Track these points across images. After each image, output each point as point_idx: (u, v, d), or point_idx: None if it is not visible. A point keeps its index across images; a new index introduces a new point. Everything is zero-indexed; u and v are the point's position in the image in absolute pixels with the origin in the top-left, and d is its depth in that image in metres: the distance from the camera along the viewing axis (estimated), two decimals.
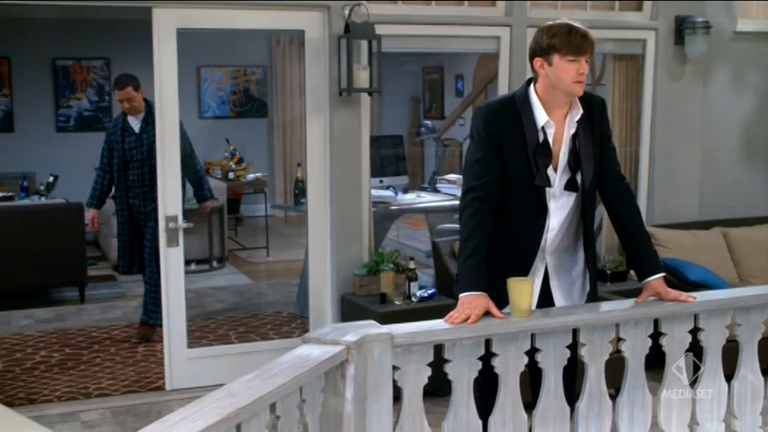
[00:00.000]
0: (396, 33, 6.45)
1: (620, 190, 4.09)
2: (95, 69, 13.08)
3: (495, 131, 3.88)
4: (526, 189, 3.89)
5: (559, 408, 3.88)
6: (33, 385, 6.50)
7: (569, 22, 3.83)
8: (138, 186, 7.46)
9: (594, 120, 3.98)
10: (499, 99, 4.23)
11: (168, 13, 6.04)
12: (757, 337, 4.32)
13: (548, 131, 3.88)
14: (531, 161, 3.85)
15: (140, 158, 7.41)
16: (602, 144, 4.01)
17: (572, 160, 3.92)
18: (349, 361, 3.38)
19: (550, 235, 3.97)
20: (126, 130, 7.46)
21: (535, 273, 4.00)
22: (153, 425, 2.72)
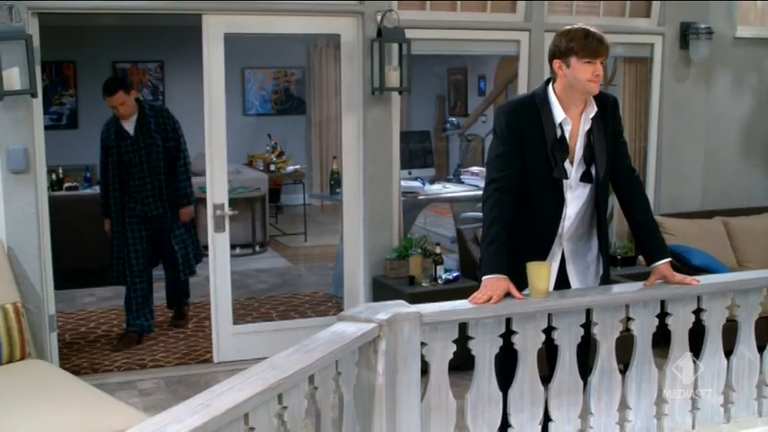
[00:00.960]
0: (424, 37, 6.42)
1: (630, 181, 4.07)
2: (150, 71, 13.11)
3: (516, 128, 3.86)
4: (545, 181, 3.87)
5: (573, 381, 3.87)
6: (96, 356, 6.54)
7: (586, 28, 3.80)
8: (141, 191, 6.68)
9: (608, 117, 3.95)
10: (520, 98, 4.20)
11: (217, 19, 6.05)
12: (754, 317, 4.32)
13: (565, 128, 3.86)
14: (550, 155, 3.83)
15: (139, 162, 6.64)
16: (614, 139, 3.98)
17: (587, 154, 3.89)
18: (381, 337, 3.38)
19: (567, 223, 3.94)
20: (120, 135, 6.64)
21: (553, 257, 3.98)
22: (202, 393, 2.73)
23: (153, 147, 6.60)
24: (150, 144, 6.56)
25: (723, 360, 4.24)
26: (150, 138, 6.57)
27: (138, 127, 6.62)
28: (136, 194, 6.70)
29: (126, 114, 6.59)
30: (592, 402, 3.94)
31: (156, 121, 6.70)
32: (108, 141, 6.68)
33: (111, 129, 6.68)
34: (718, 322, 4.19)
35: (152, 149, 6.60)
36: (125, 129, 6.63)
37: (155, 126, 6.67)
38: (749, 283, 4.32)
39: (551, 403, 3.85)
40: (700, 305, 4.12)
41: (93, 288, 8.64)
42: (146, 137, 6.61)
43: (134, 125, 6.62)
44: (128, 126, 6.63)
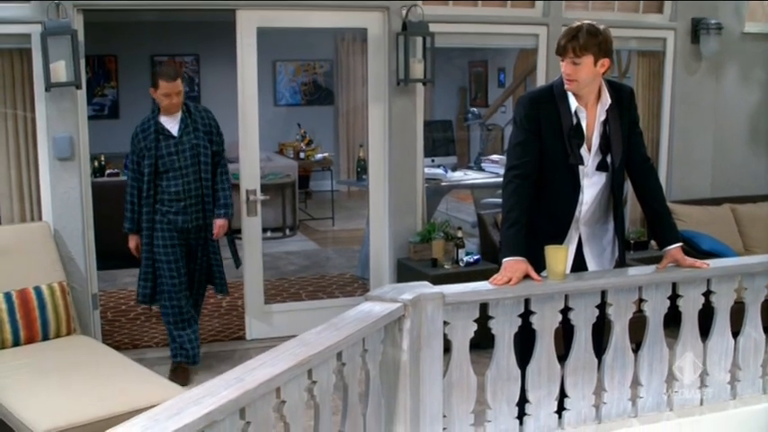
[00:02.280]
0: (447, 31, 6.39)
1: (645, 170, 4.04)
2: (187, 64, 13.13)
3: (534, 117, 3.84)
4: (562, 168, 3.85)
5: (588, 360, 3.86)
6: (136, 333, 6.58)
7: (575, 25, 3.77)
8: (183, 199, 5.50)
9: (624, 108, 3.92)
10: (539, 89, 4.18)
11: (250, 14, 6.04)
12: (761, 299, 4.31)
13: (580, 116, 3.84)
14: (566, 142, 3.80)
15: (181, 166, 5.48)
16: (630, 129, 3.94)
17: (603, 144, 3.87)
18: (406, 316, 3.38)
19: (584, 208, 3.92)
20: (161, 134, 5.49)
21: (570, 241, 3.96)
22: (236, 368, 2.74)
23: (200, 149, 5.52)
24: (197, 146, 5.51)
25: (730, 340, 4.23)
26: (197, 138, 5.52)
27: (182, 126, 5.51)
28: (175, 203, 5.49)
29: (175, 108, 5.47)
30: (605, 379, 3.93)
31: (203, 121, 5.60)
32: (146, 142, 5.48)
33: (151, 128, 5.50)
34: (726, 304, 4.17)
35: (199, 152, 5.51)
36: (167, 128, 5.50)
37: (202, 126, 5.58)
38: (756, 267, 4.30)
39: (567, 380, 3.84)
40: (709, 288, 4.11)
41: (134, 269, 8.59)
42: (192, 137, 5.52)
43: (178, 124, 5.51)
44: (170, 125, 5.50)
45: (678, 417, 4.10)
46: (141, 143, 5.50)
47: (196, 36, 12.29)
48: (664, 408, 4.10)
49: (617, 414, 3.99)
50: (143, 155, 5.49)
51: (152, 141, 5.47)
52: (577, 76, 3.74)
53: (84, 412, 3.98)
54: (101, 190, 7.33)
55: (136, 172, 5.53)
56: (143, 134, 5.52)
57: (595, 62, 3.73)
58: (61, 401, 4.10)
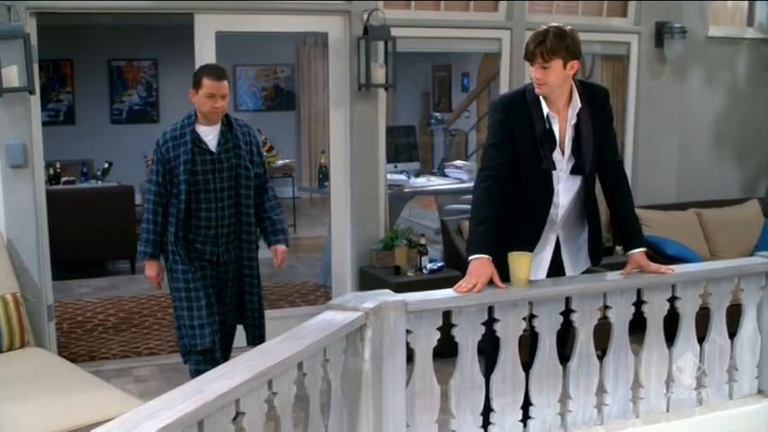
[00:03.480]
0: (409, 35, 6.41)
1: (616, 174, 4.08)
2: (144, 69, 13.05)
3: (507, 121, 3.88)
4: (536, 172, 3.88)
5: (553, 367, 3.88)
6: (93, 344, 6.51)
7: (542, 29, 3.78)
8: (214, 227, 4.70)
9: (597, 109, 3.95)
10: (512, 93, 4.19)
11: (208, 18, 6.01)
12: (726, 304, 4.35)
13: (552, 121, 3.86)
14: (539, 147, 3.83)
15: (216, 188, 4.67)
16: (602, 131, 3.98)
17: (575, 147, 3.89)
18: (367, 325, 3.37)
19: (560, 212, 3.96)
20: (197, 146, 4.64)
21: (547, 243, 4.01)
22: (194, 380, 2.72)
23: (241, 170, 4.72)
24: (237, 166, 4.71)
25: (696, 346, 4.26)
26: (238, 158, 4.71)
27: (222, 141, 4.69)
28: (204, 230, 4.71)
29: (217, 115, 4.66)
30: (571, 387, 3.95)
31: (245, 138, 4.80)
32: (179, 152, 4.63)
33: (186, 135, 4.64)
34: (691, 310, 4.21)
35: (239, 174, 4.72)
36: (204, 139, 4.67)
37: (244, 144, 4.77)
38: (721, 272, 4.34)
39: (532, 388, 3.85)
40: (674, 293, 4.14)
41: (90, 279, 8.60)
42: (232, 155, 4.70)
43: (217, 137, 4.68)
44: (208, 137, 4.68)
45: (644, 424, 4.13)
46: (171, 153, 4.64)
47: (154, 40, 12.22)
48: (630, 415, 4.12)
49: (582, 422, 4.00)
50: (173, 167, 4.64)
51: (188, 153, 4.61)
52: (547, 80, 3.76)
53: (37, 427, 3.93)
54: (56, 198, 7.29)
55: (161, 186, 4.67)
56: (174, 142, 4.65)
57: (564, 65, 3.75)
58: (14, 416, 4.04)
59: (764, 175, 8.11)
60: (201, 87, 4.60)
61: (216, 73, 4.65)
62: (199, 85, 4.62)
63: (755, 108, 7.90)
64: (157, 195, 4.70)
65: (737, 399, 4.44)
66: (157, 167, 4.70)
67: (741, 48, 7.83)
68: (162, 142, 4.71)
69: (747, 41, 7.86)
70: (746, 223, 7.35)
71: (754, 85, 7.88)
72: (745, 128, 7.90)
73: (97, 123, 12.74)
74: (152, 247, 4.75)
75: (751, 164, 8.01)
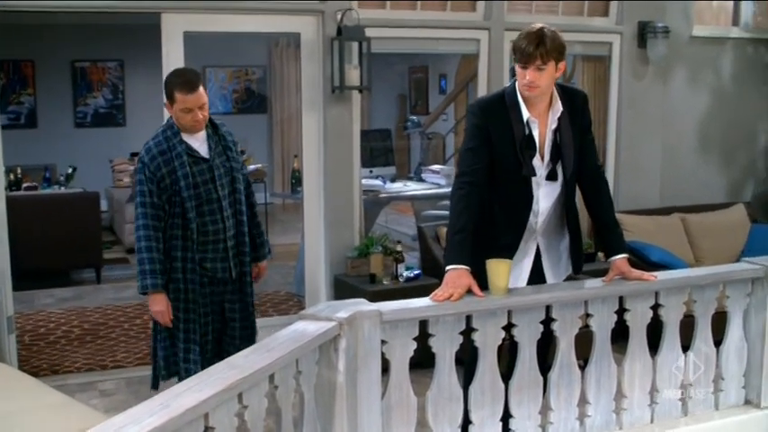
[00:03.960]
0: (384, 36, 6.42)
1: (596, 179, 4.11)
2: (110, 70, 13.02)
3: (484, 125, 3.88)
4: (515, 178, 3.89)
5: (533, 377, 3.89)
6: (56, 357, 6.47)
7: (533, 29, 3.77)
8: (222, 240, 4.41)
9: (576, 114, 3.97)
10: (490, 96, 4.19)
11: (176, 18, 6.00)
12: (711, 312, 4.37)
13: (532, 126, 3.87)
14: (518, 152, 3.84)
15: (219, 197, 4.38)
16: (582, 136, 4.00)
17: (554, 153, 3.91)
18: (341, 336, 3.37)
19: (540, 219, 3.97)
20: (191, 156, 4.35)
21: (527, 252, 4.02)
22: (162, 394, 2.71)
23: (237, 174, 4.49)
24: (234, 170, 4.48)
25: (681, 355, 4.29)
26: (232, 161, 4.48)
27: (212, 145, 4.42)
28: (212, 245, 4.40)
29: (200, 126, 4.36)
30: (552, 398, 3.96)
31: (231, 139, 4.57)
32: (173, 166, 4.29)
33: (176, 147, 4.31)
34: (675, 318, 4.24)
35: (236, 177, 4.48)
36: (195, 149, 4.38)
37: (233, 146, 4.55)
38: (706, 279, 4.37)
39: (512, 399, 3.86)
40: (657, 301, 4.17)
41: (53, 289, 8.55)
42: (224, 159, 4.46)
43: (206, 143, 4.41)
44: (197, 144, 4.39)
45: None
46: (163, 169, 4.28)
47: (120, 40, 12.19)
48: (613, 426, 4.14)
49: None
50: (167, 185, 4.29)
51: (185, 166, 4.29)
52: (541, 83, 3.77)
53: None
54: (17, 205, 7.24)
55: (157, 208, 4.30)
56: (163, 157, 4.29)
57: (556, 67, 3.78)
58: None
59: (750, 178, 8.17)
60: (175, 102, 4.27)
61: (187, 84, 4.27)
62: (172, 98, 4.29)
63: (741, 109, 7.96)
64: (154, 219, 4.30)
65: (724, 409, 4.47)
66: (149, 188, 4.29)
67: (726, 48, 7.90)
68: (149, 159, 4.30)
69: (732, 41, 7.93)
70: (732, 228, 7.40)
71: (739, 86, 7.94)
72: (731, 130, 7.96)
73: (60, 127, 12.69)
74: (159, 277, 4.29)
75: (736, 167, 8.07)
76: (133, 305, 7.92)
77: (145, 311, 7.58)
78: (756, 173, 8.18)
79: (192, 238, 4.33)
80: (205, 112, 4.32)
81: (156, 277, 4.28)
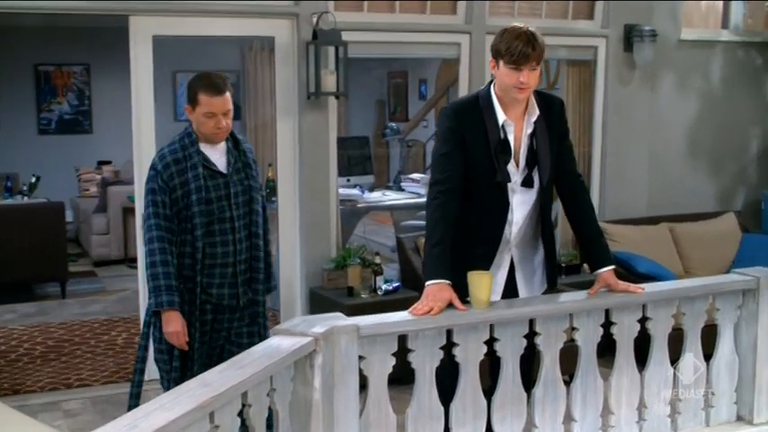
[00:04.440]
0: (361, 40, 6.44)
1: (575, 186, 4.11)
2: (76, 75, 12.98)
3: (458, 129, 3.88)
4: (489, 185, 3.89)
5: (517, 394, 3.90)
6: (17, 376, 6.43)
7: (520, 28, 3.79)
8: (232, 264, 4.23)
9: (553, 120, 3.98)
10: (464, 99, 4.22)
11: (144, 21, 5.99)
12: (700, 325, 4.38)
13: (507, 129, 3.89)
14: (493, 158, 3.86)
15: (233, 216, 4.21)
16: (559, 142, 4.01)
17: (530, 158, 3.93)
18: (317, 351, 3.37)
19: (514, 228, 3.98)
20: (207, 168, 4.19)
21: (501, 264, 4.02)
22: (130, 413, 2.70)
23: (255, 193, 4.33)
24: (252, 189, 4.31)
25: (670, 369, 4.31)
26: (251, 179, 4.32)
27: (231, 160, 4.27)
28: (220, 269, 4.22)
29: (222, 135, 4.21)
30: (536, 415, 3.96)
31: (252, 156, 4.43)
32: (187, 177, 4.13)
33: (192, 157, 4.15)
34: (663, 331, 4.26)
35: (253, 197, 4.31)
36: (213, 161, 4.22)
37: (253, 163, 4.41)
38: (695, 291, 4.39)
39: (494, 416, 3.86)
40: (645, 314, 4.18)
41: (15, 304, 8.50)
42: (243, 176, 4.31)
43: (225, 157, 4.25)
44: (215, 156, 4.24)
45: None
46: (176, 179, 4.12)
47: (86, 44, 12.17)
48: None
49: None
50: (179, 197, 4.13)
51: (199, 178, 4.13)
52: (532, 83, 3.80)
53: None
54: None
55: (170, 220, 4.14)
56: (178, 166, 4.13)
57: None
58: None
59: (741, 186, 8.23)
60: (198, 105, 4.12)
61: (214, 86, 4.13)
62: (195, 101, 4.13)
63: (731, 115, 8.02)
64: (168, 231, 4.12)
65: (715, 426, 4.49)
66: (161, 199, 4.12)
67: (715, 51, 7.96)
68: (162, 167, 4.14)
69: (722, 45, 7.99)
70: (722, 238, 7.44)
71: (729, 91, 8.00)
72: (721, 136, 8.01)
73: (23, 134, 12.63)
74: (174, 293, 4.09)
75: (727, 175, 8.13)
76: (100, 320, 7.90)
77: (113, 327, 7.58)
78: (747, 180, 8.24)
79: (196, 259, 4.15)
80: (229, 120, 4.16)
81: (172, 294, 4.09)
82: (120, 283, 9.32)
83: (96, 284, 9.52)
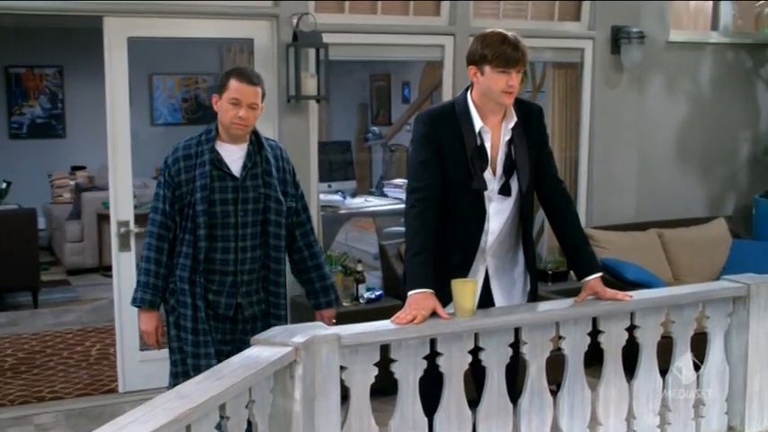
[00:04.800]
0: (343, 42, 6.45)
1: (557, 193, 4.12)
2: (48, 77, 12.93)
3: (435, 136, 3.91)
4: (466, 192, 3.91)
5: (502, 404, 3.90)
6: None
7: (503, 33, 3.83)
8: (233, 273, 4.20)
9: (531, 127, 4.01)
10: (440, 105, 4.25)
11: (119, 22, 5.99)
12: (690, 333, 4.39)
13: (484, 136, 3.92)
14: (470, 165, 3.88)
15: (238, 222, 4.17)
16: (539, 149, 4.03)
17: (508, 166, 3.95)
18: (297, 362, 3.37)
19: (490, 238, 3.99)
20: (217, 168, 4.16)
21: (476, 273, 4.03)
22: (104, 427, 2.69)
23: (270, 203, 4.22)
24: (266, 198, 4.21)
25: (659, 379, 4.32)
26: (268, 187, 4.22)
27: (248, 164, 4.21)
28: (219, 277, 4.20)
29: (243, 129, 4.16)
30: (522, 426, 3.97)
31: (277, 163, 4.33)
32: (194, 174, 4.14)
33: (204, 154, 4.16)
34: (652, 339, 4.26)
35: (267, 206, 4.22)
36: (225, 161, 4.18)
37: (276, 171, 4.30)
38: (684, 298, 4.40)
39: (479, 428, 3.87)
40: (633, 322, 4.19)
41: None
42: (259, 183, 4.22)
43: (243, 159, 4.20)
44: (231, 157, 4.19)
45: None
46: (182, 175, 4.15)
47: (60, 45, 12.14)
48: None
49: None
50: (183, 194, 4.15)
51: (205, 176, 4.11)
52: (516, 88, 3.85)
53: None
54: None
55: (168, 216, 4.18)
56: (187, 162, 4.16)
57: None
58: None
59: (731, 191, 8.27)
60: (226, 90, 4.11)
61: (247, 75, 4.16)
62: (224, 87, 4.13)
63: (721, 118, 8.07)
64: (163, 228, 4.18)
65: None
66: (164, 192, 4.18)
67: (705, 53, 8.01)
68: (172, 161, 4.20)
69: (711, 46, 8.04)
70: (713, 244, 7.48)
71: (718, 94, 8.05)
72: (710, 140, 8.05)
73: None
74: (152, 292, 4.18)
75: (717, 179, 8.17)
76: (74, 330, 7.87)
77: (87, 338, 7.56)
78: (738, 185, 8.28)
79: (197, 259, 4.15)
80: (253, 116, 4.13)
81: (146, 292, 4.16)
82: (95, 292, 9.29)
83: (70, 293, 9.49)
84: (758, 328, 4.48)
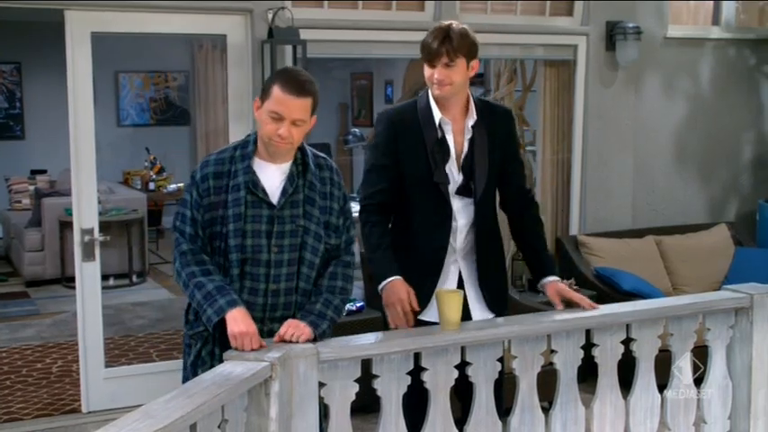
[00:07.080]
0: (322, 38, 6.44)
1: (523, 203, 4.27)
2: (5, 74, 12.88)
3: (392, 137, 4.07)
4: (429, 189, 4.04)
5: (491, 422, 3.91)
6: None
7: (441, 25, 3.99)
8: (261, 319, 3.63)
9: (496, 129, 4.12)
10: (401, 105, 4.42)
11: (81, 16, 5.96)
12: (690, 346, 4.40)
13: (444, 128, 4.04)
14: (429, 157, 4.00)
15: (271, 260, 3.61)
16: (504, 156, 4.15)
17: (466, 165, 4.06)
18: (273, 378, 3.37)
19: (460, 237, 4.11)
20: (252, 193, 3.60)
21: (447, 277, 4.12)
22: None
23: (309, 237, 3.67)
24: (304, 231, 3.66)
25: (657, 395, 4.33)
26: (309, 218, 3.67)
27: (289, 188, 3.65)
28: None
29: (285, 148, 3.61)
30: None
31: (323, 189, 3.74)
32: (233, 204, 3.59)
33: (238, 175, 3.63)
34: (649, 352, 4.27)
35: (306, 242, 3.66)
36: (263, 184, 3.64)
37: (320, 196, 3.72)
38: (683, 309, 4.41)
39: None
40: (629, 334, 4.20)
41: None
42: (300, 211, 3.66)
43: (283, 182, 3.66)
44: (270, 180, 3.66)
45: None
46: (212, 196, 3.62)
47: (17, 41, 12.11)
48: None
49: None
50: (214, 218, 3.62)
51: (239, 203, 3.58)
52: (452, 80, 3.94)
53: None
54: None
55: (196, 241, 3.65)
56: (217, 181, 3.63)
57: (468, 65, 3.97)
58: None
59: (734, 195, 8.30)
60: (268, 98, 3.57)
61: (294, 82, 3.57)
62: (267, 93, 3.60)
63: (722, 119, 8.10)
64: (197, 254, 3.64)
65: None
66: (192, 214, 3.64)
67: (705, 50, 8.04)
68: (200, 178, 3.65)
69: (712, 43, 8.08)
70: (714, 252, 7.50)
71: (719, 93, 8.08)
72: (711, 141, 8.09)
73: None
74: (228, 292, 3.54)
75: (718, 183, 8.20)
76: (33, 346, 7.85)
77: (47, 354, 7.53)
78: (740, 189, 8.31)
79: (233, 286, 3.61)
80: (297, 134, 3.57)
81: (223, 295, 3.53)
82: (56, 305, 9.24)
83: (29, 306, 9.45)
84: (762, 341, 4.48)
